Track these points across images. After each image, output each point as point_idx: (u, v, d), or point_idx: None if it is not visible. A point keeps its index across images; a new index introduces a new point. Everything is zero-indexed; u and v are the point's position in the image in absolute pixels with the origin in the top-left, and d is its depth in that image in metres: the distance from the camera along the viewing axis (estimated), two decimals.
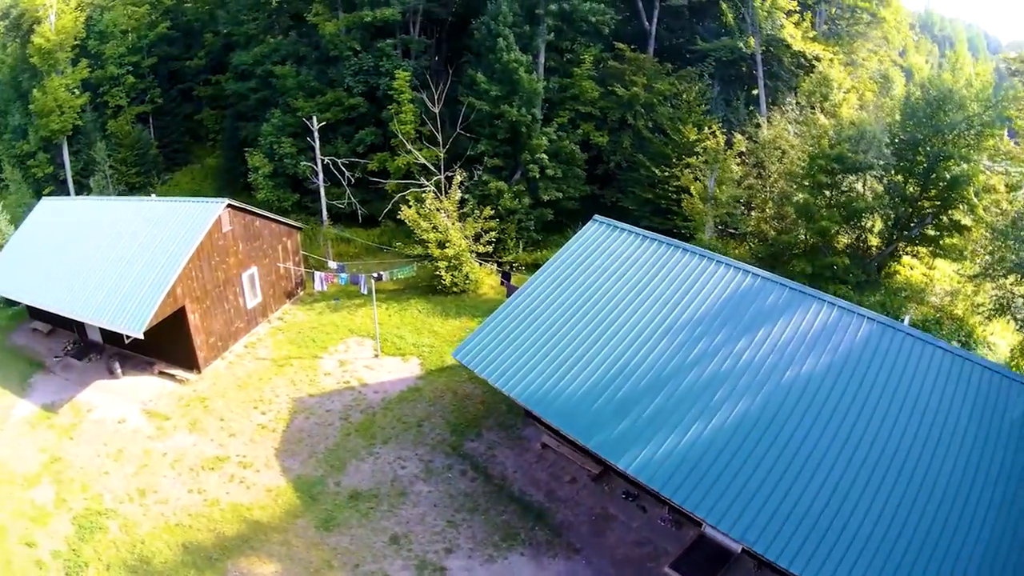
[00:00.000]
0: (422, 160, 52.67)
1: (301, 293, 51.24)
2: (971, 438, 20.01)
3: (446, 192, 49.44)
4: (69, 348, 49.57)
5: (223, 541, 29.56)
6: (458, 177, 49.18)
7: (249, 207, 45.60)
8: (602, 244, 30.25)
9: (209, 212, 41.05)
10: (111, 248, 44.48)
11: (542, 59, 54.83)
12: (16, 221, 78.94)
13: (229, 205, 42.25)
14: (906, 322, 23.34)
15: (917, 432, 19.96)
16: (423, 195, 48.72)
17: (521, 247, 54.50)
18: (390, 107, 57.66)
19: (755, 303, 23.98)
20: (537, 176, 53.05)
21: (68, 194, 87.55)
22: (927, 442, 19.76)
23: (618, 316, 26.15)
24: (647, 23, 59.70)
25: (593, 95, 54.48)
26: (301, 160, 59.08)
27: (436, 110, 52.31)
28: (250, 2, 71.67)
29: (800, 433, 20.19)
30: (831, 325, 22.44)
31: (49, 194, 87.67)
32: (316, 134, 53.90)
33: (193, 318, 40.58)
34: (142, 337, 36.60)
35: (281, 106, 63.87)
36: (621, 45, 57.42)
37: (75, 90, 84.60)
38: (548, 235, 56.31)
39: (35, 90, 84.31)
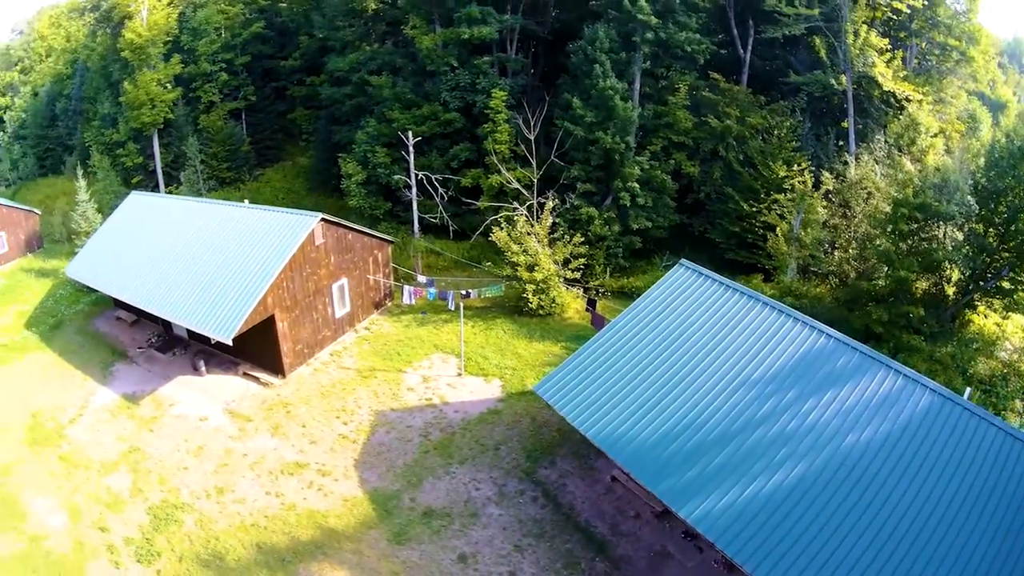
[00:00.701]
0: (515, 184, 54.40)
1: (389, 304, 53.16)
2: (1020, 522, 21.27)
3: (538, 217, 51.18)
4: (153, 340, 52.67)
5: (297, 545, 31.54)
6: (550, 203, 50.89)
7: (342, 221, 47.60)
8: (686, 290, 31.95)
9: (303, 225, 43.22)
10: (203, 251, 47.11)
11: (637, 85, 56.23)
12: (103, 209, 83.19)
13: (323, 219, 44.34)
14: (966, 396, 24.83)
15: (960, 507, 21.24)
16: (515, 218, 50.45)
17: (608, 273, 55.66)
18: (485, 125, 59.24)
19: (826, 365, 25.55)
20: (628, 204, 54.38)
21: (157, 185, 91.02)
22: (970, 519, 21.04)
23: (695, 365, 27.89)
24: (741, 51, 61.01)
25: (687, 125, 55.59)
26: (395, 170, 61.06)
27: (531, 136, 54.00)
28: (346, 8, 73.77)
29: (852, 499, 21.58)
30: (894, 393, 23.93)
31: (138, 183, 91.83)
32: (411, 149, 55.72)
33: (281, 326, 42.79)
34: (230, 343, 39.08)
35: (376, 115, 65.59)
36: (716, 75, 58.59)
37: (167, 85, 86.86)
38: (635, 261, 57.58)
39: (126, 82, 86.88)
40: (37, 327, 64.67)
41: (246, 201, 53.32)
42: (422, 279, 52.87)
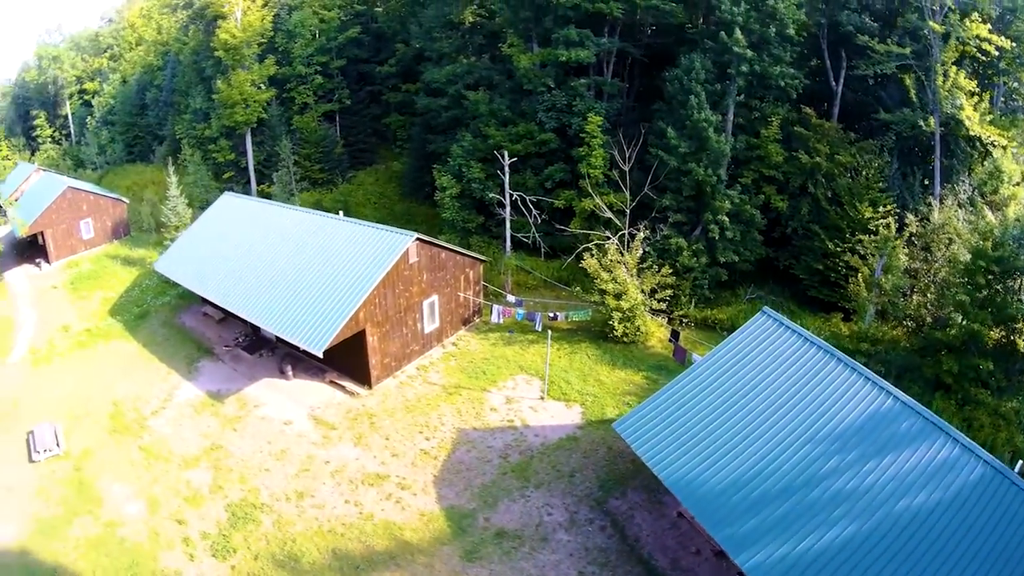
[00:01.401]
0: (608, 213, 56.59)
1: (477, 320, 55.84)
2: None
3: (628, 246, 53.35)
4: (241, 340, 56.05)
5: (371, 554, 34.15)
6: (641, 234, 52.96)
7: (436, 241, 50.22)
8: (766, 339, 34.10)
9: (398, 243, 45.88)
10: (296, 260, 49.95)
11: (731, 116, 57.89)
12: (193, 203, 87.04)
13: (418, 238, 46.88)
14: (1017, 469, 26.65)
15: None
16: (606, 246, 52.48)
17: (693, 304, 57.12)
18: (581, 149, 61.26)
19: (890, 427, 27.52)
20: (716, 236, 56.11)
21: (248, 182, 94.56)
22: None
23: (768, 416, 30.13)
24: (833, 83, 62.17)
25: (778, 159, 57.22)
26: (489, 186, 63.58)
27: (627, 168, 56.26)
28: (443, 20, 76.22)
29: (897, 562, 23.56)
30: (950, 462, 25.83)
31: (229, 179, 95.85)
32: (507, 169, 58.29)
33: (371, 340, 45.55)
34: (320, 356, 41.95)
35: (472, 129, 67.97)
36: (808, 110, 59.99)
37: (261, 85, 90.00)
38: (720, 292, 59.15)
39: (219, 81, 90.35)
40: (122, 315, 68.17)
41: (340, 213, 56.16)
42: (511, 299, 55.36)
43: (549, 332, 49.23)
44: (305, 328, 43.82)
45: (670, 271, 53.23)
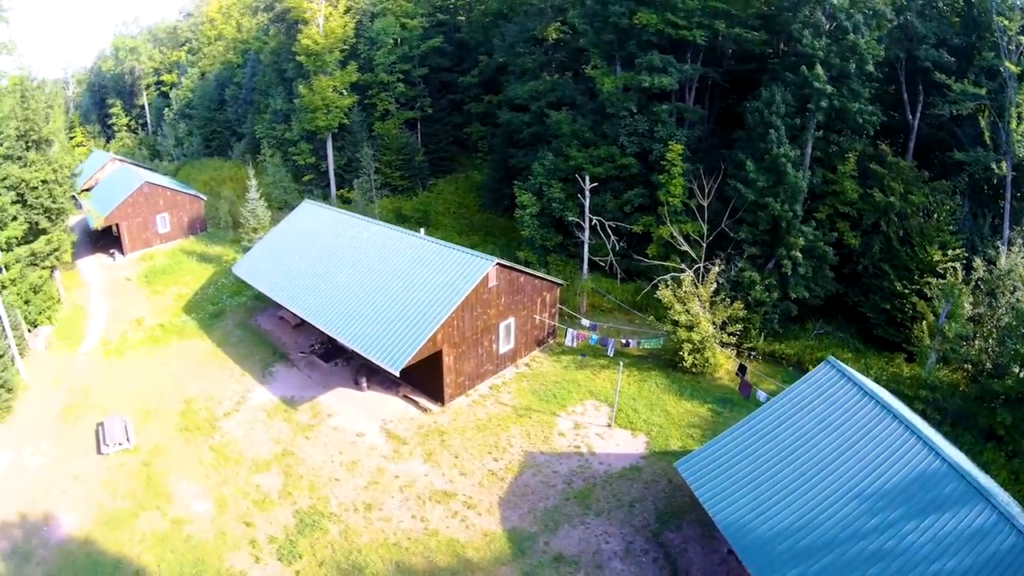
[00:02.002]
0: (685, 246, 58.69)
1: (551, 342, 58.69)
2: None
3: (703, 277, 55.65)
4: (316, 347, 59.21)
5: (433, 569, 37.00)
6: (716, 268, 55.21)
7: (516, 266, 53.07)
8: (827, 391, 36.23)
9: (478, 268, 48.68)
10: (376, 276, 53.21)
11: (808, 150, 59.57)
12: (272, 204, 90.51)
13: (498, 264, 49.60)
14: None
15: None
16: (682, 278, 54.82)
17: (762, 337, 58.74)
18: (661, 176, 63.42)
19: (934, 489, 29.48)
20: (789, 272, 57.58)
21: (328, 186, 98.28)
22: None
23: (821, 468, 32.29)
24: (910, 116, 63.12)
25: (853, 196, 58.54)
26: (569, 206, 66.22)
27: (705, 203, 58.67)
28: (526, 35, 78.91)
29: None
30: (986, 528, 27.70)
31: (308, 182, 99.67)
32: (587, 193, 60.93)
33: (447, 359, 48.52)
34: (397, 375, 44.92)
35: (553, 148, 70.46)
36: (884, 146, 61.51)
37: (343, 91, 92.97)
38: (789, 327, 60.75)
39: (301, 86, 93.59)
40: (196, 313, 71.75)
41: (422, 231, 59.10)
42: (586, 323, 58.05)
43: (621, 359, 52.19)
44: (383, 345, 46.77)
45: (741, 305, 55.13)
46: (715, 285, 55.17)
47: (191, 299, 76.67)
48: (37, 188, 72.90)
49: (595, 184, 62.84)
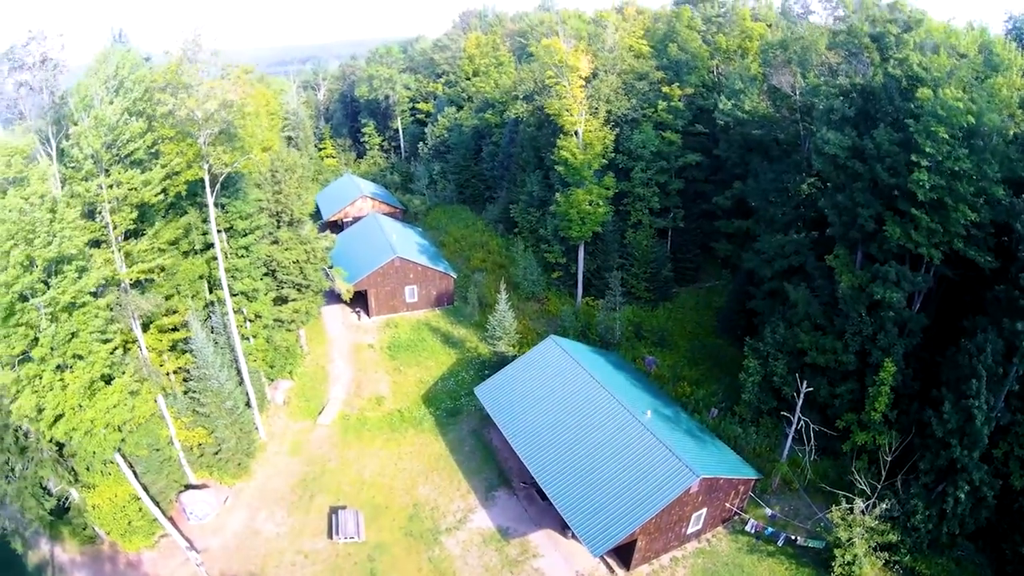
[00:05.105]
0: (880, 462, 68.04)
1: (736, 519, 70.31)
2: None
3: (874, 504, 65.24)
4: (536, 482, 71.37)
5: None
6: (883, 504, 64.80)
7: (719, 476, 64.51)
8: None
9: (683, 480, 60.80)
10: (598, 452, 66.27)
11: (1003, 397, 63.63)
12: (521, 292, 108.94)
13: (702, 478, 61.10)
14: None
15: None
16: (855, 500, 64.69)
17: (911, 557, 66.12)
18: (870, 388, 71.77)
19: None
20: (949, 507, 63.88)
21: (575, 285, 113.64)
22: None
23: None
24: None
25: None
26: (789, 380, 76.65)
27: (891, 445, 68.86)
28: (779, 185, 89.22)
29: None
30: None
31: (557, 279, 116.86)
32: (801, 393, 70.64)
33: (640, 542, 62.06)
34: (596, 559, 59.22)
35: (786, 317, 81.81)
36: None
37: (599, 202, 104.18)
38: (934, 557, 66.71)
39: (558, 195, 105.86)
40: (435, 407, 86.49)
41: (648, 413, 69.86)
42: (768, 511, 70.36)
43: (788, 547, 65.37)
44: (589, 524, 60.31)
45: (899, 529, 64.34)
46: (882, 509, 64.20)
47: (431, 388, 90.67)
48: (288, 266, 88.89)
49: (809, 390, 72.17)
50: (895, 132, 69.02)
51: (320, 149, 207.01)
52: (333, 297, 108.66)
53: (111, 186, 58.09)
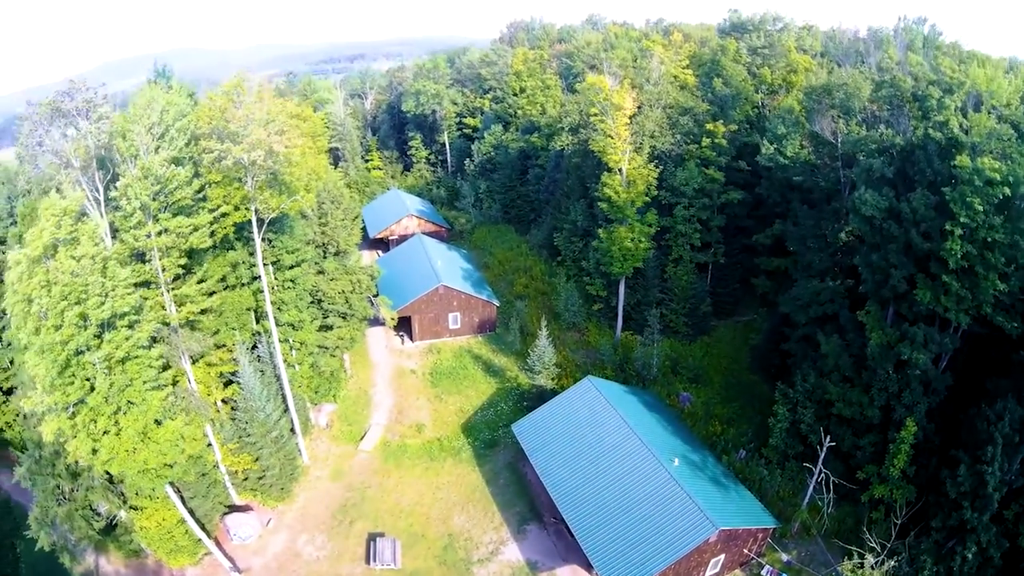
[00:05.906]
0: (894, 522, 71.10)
1: (752, 562, 73.75)
2: None
3: (886, 552, 68.19)
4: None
5: None
6: (892, 563, 67.59)
7: (738, 527, 68.01)
8: None
9: (702, 531, 64.15)
10: (626, 496, 70.72)
11: (1016, 463, 65.60)
12: (562, 324, 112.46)
13: (720, 530, 64.55)
14: None
15: None
16: (866, 556, 67.20)
17: None
18: (891, 444, 74.39)
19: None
20: (956, 565, 66.20)
21: (615, 318, 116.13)
22: None
23: None
24: None
25: None
26: (816, 428, 79.55)
27: (903, 537, 71.72)
28: (817, 232, 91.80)
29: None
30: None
31: (597, 311, 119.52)
32: (824, 447, 73.89)
33: None
34: None
35: (817, 366, 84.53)
36: None
37: (641, 239, 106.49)
38: None
39: (600, 230, 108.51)
40: (473, 437, 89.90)
41: (676, 461, 72.90)
42: (784, 557, 74.00)
43: None
44: (613, 565, 63.87)
45: None
46: (890, 567, 67.16)
47: (470, 417, 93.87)
48: (333, 296, 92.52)
49: (832, 443, 75.28)
50: (932, 195, 70.79)
51: (367, 161, 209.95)
52: (378, 319, 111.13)
53: (159, 233, 61.05)
